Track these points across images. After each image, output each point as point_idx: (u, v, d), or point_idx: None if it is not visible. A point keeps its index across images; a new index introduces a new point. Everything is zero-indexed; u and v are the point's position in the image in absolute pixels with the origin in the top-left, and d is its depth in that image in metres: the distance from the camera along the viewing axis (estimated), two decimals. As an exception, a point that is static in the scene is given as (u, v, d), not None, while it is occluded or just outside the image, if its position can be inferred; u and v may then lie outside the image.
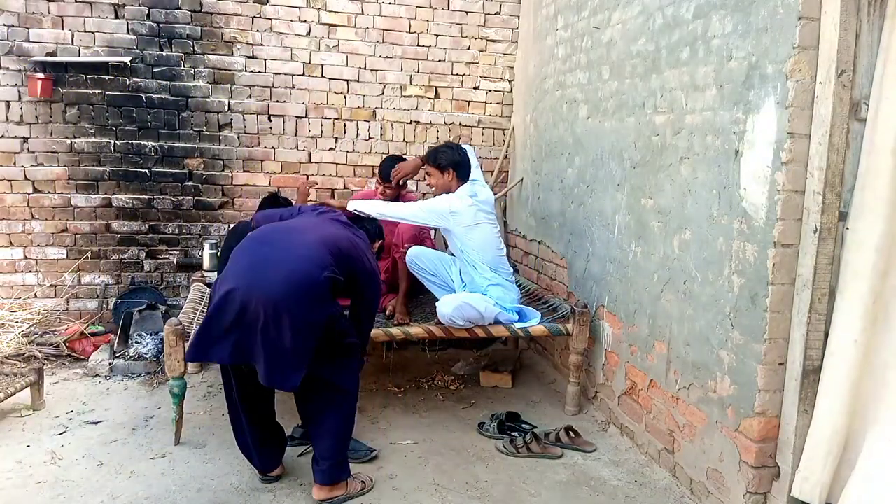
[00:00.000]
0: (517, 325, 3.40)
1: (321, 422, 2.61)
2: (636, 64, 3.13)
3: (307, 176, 4.42)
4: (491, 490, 2.76)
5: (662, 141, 2.92)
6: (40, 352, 3.96)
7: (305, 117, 4.55)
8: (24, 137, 4.17)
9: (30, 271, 4.29)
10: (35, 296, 4.26)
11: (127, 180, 4.34)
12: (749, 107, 2.38)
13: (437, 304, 3.33)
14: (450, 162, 3.41)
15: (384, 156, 4.67)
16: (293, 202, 4.03)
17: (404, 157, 4.04)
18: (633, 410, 3.19)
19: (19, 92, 4.12)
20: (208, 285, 3.91)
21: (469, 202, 3.37)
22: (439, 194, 3.48)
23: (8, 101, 4.12)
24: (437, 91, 4.74)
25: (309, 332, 2.40)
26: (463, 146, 3.55)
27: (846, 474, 2.27)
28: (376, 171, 4.69)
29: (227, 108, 4.42)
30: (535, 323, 3.42)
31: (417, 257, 3.56)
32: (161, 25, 4.25)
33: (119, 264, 4.40)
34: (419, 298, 3.86)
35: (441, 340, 4.18)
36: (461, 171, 3.44)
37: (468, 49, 4.74)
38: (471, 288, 3.48)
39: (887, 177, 2.12)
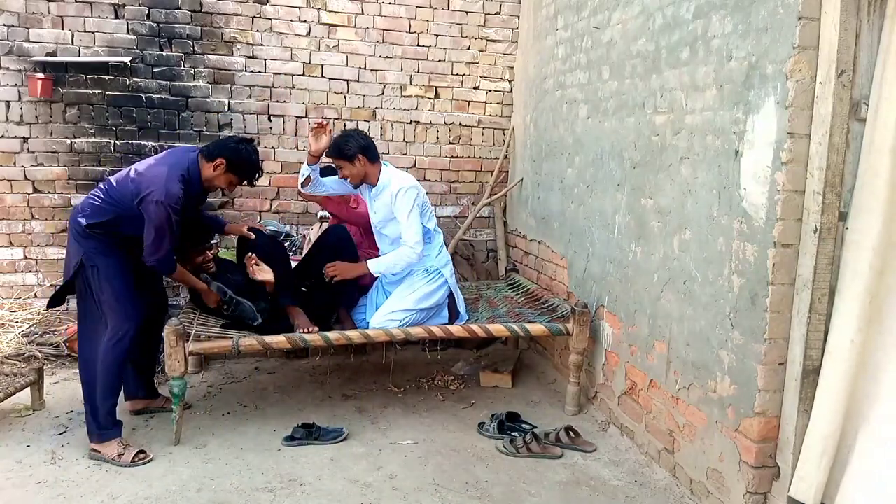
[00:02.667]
0: (516, 325, 3.42)
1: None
2: (636, 64, 3.13)
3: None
4: (491, 490, 2.76)
5: (662, 141, 2.92)
6: (40, 352, 3.96)
7: (305, 117, 4.55)
8: (24, 137, 4.17)
9: (30, 271, 4.29)
10: (35, 296, 4.26)
11: (127, 180, 4.34)
12: (749, 107, 2.38)
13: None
14: (358, 148, 3.33)
15: (383, 155, 4.70)
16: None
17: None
18: (633, 410, 3.19)
19: (19, 92, 4.12)
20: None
21: (412, 178, 3.47)
22: (357, 184, 3.46)
23: (8, 101, 4.12)
24: (437, 91, 4.74)
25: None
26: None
27: (840, 474, 2.28)
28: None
29: (227, 108, 4.42)
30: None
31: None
32: (161, 25, 4.25)
33: (119, 264, 4.40)
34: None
35: (441, 340, 4.19)
36: (370, 153, 3.39)
37: (468, 49, 4.74)
38: (426, 264, 3.50)
39: (886, 177, 2.12)
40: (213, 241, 3.56)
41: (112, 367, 2.95)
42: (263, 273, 3.24)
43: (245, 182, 3.13)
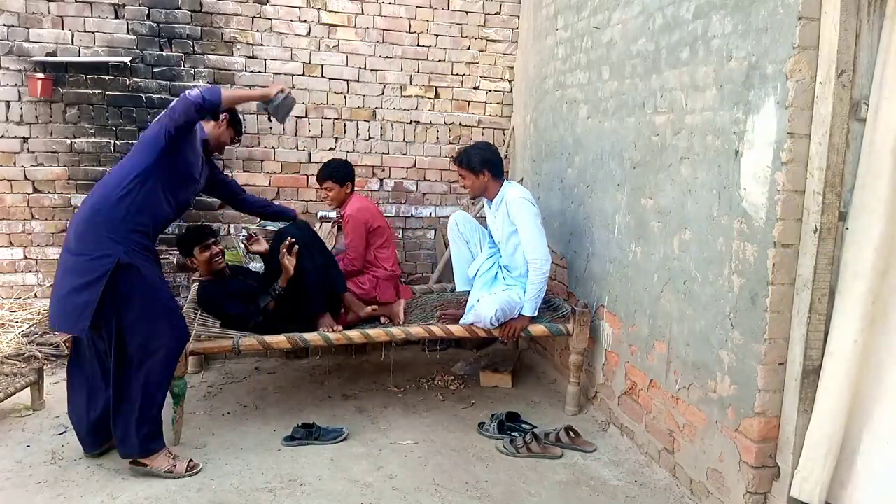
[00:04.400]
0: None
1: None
2: (636, 64, 3.13)
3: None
4: (491, 490, 2.76)
5: (662, 141, 2.92)
6: (40, 352, 3.96)
7: (305, 117, 4.55)
8: (24, 137, 4.17)
9: (30, 271, 4.29)
10: (35, 296, 4.26)
11: (127, 180, 4.34)
12: (749, 107, 2.38)
13: (477, 306, 3.32)
14: (484, 162, 3.36)
15: (383, 156, 4.71)
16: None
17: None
18: (633, 410, 3.19)
19: (19, 92, 4.12)
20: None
21: (528, 193, 3.44)
22: (476, 196, 3.48)
23: (8, 101, 4.12)
24: (437, 91, 4.74)
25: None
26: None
27: (844, 474, 2.28)
28: (375, 171, 4.73)
29: (227, 108, 4.42)
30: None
31: (461, 222, 3.61)
32: (161, 25, 4.25)
33: (119, 264, 4.40)
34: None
35: (441, 340, 4.19)
36: (496, 169, 3.40)
37: (468, 49, 4.74)
38: (489, 285, 3.48)
39: (886, 177, 2.12)
40: (217, 238, 3.56)
41: (165, 383, 2.81)
42: (290, 262, 3.28)
43: (236, 138, 3.27)
